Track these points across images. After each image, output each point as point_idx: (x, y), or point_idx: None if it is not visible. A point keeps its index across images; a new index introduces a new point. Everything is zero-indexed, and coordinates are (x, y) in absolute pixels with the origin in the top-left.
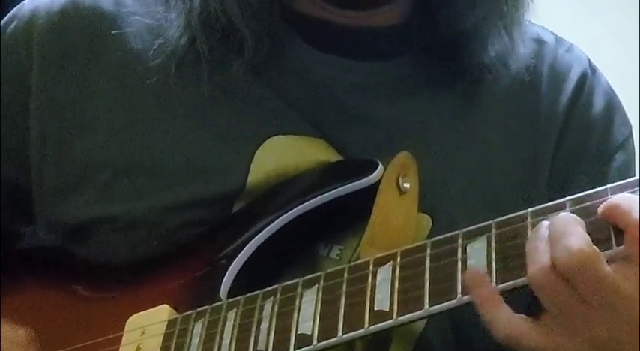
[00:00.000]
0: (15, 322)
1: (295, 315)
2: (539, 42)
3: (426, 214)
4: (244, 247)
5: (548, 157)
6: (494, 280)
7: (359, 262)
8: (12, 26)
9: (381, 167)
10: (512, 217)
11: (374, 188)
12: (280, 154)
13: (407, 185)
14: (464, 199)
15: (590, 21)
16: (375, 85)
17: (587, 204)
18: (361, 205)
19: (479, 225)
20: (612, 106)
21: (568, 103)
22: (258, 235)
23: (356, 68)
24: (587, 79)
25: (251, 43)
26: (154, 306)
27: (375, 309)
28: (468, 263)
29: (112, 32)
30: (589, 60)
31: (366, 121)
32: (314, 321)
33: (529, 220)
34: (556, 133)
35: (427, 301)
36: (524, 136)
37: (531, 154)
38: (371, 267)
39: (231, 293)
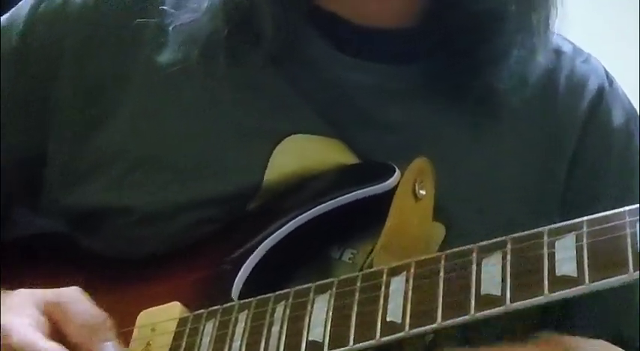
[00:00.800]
0: None
1: (307, 321)
2: (558, 52)
3: (440, 223)
4: (257, 247)
5: (563, 168)
6: (509, 297)
7: (372, 270)
8: (44, 5)
9: (398, 172)
10: (529, 234)
11: (390, 193)
12: (298, 154)
13: (423, 192)
14: (478, 208)
15: (590, 19)
16: (390, 89)
17: (604, 226)
18: (376, 209)
19: (494, 240)
20: (631, 118)
21: (586, 115)
22: (272, 236)
23: (372, 70)
24: (605, 91)
25: (270, 31)
26: (165, 302)
27: (387, 320)
28: (482, 277)
29: (139, 20)
30: (606, 71)
31: (380, 124)
32: (325, 328)
33: (545, 238)
34: (572, 146)
35: (439, 314)
36: (539, 147)
37: (546, 164)
38: (384, 276)
39: (243, 293)
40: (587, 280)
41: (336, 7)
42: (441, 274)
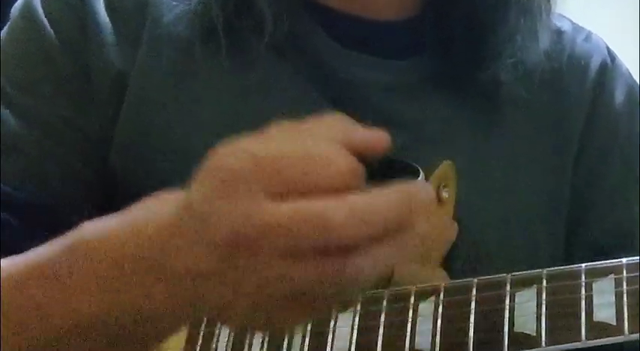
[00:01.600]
0: None
1: (330, 338)
2: (558, 32)
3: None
4: None
5: (571, 155)
6: (544, 339)
7: (399, 290)
8: None
9: (422, 174)
10: (566, 272)
11: None
12: None
13: (446, 195)
14: (490, 203)
15: (589, 16)
16: (398, 85)
17: None
18: None
19: (528, 272)
20: (633, 96)
21: (591, 97)
22: None
23: (379, 66)
24: (607, 68)
25: (270, 21)
26: None
27: (416, 349)
28: (515, 314)
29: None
30: (608, 47)
31: (390, 121)
32: (349, 349)
33: (583, 278)
34: (579, 130)
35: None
36: (548, 136)
37: (556, 154)
38: (412, 299)
39: None
40: (626, 331)
41: (333, 1)
42: (473, 305)
